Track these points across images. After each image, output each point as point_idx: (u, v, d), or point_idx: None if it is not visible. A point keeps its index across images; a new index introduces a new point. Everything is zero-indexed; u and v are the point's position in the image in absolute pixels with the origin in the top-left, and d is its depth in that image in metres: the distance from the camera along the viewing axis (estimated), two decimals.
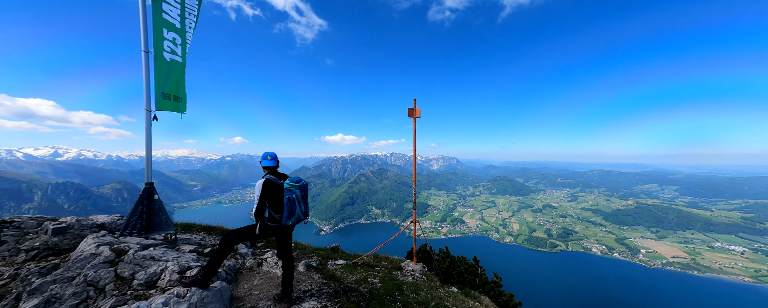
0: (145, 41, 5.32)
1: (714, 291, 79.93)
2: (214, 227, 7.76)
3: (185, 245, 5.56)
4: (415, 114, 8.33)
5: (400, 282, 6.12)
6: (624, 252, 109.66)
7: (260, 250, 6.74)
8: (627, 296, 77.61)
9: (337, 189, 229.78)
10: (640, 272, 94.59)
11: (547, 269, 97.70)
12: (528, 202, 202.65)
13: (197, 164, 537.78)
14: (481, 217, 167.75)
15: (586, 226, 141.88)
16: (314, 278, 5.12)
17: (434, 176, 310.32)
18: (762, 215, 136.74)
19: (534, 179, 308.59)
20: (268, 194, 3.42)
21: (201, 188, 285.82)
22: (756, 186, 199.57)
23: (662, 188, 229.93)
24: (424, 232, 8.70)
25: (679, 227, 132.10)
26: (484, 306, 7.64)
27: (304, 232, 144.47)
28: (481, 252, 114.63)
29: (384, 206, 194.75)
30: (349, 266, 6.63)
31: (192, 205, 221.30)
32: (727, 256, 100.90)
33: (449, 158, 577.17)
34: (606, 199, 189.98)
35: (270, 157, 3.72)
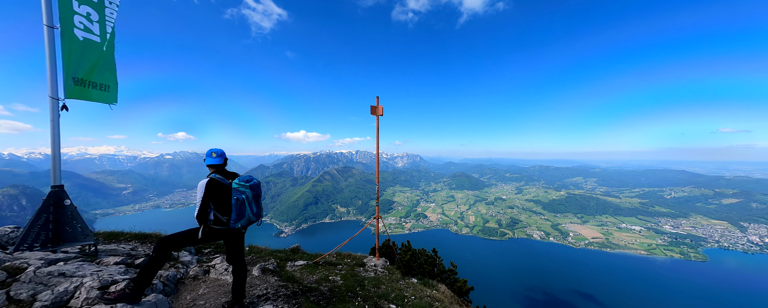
0: (47, 14, 4.28)
1: (621, 264, 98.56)
2: (149, 234, 6.79)
3: (110, 257, 4.76)
4: (378, 112, 8.45)
5: (362, 277, 6.20)
6: (557, 236, 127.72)
7: (208, 256, 6.14)
8: (559, 273, 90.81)
9: (300, 188, 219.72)
10: (569, 252, 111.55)
11: (497, 255, 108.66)
12: (482, 196, 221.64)
13: (127, 163, 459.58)
14: (442, 211, 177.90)
15: (529, 215, 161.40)
16: (270, 281, 4.87)
17: (399, 174, 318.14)
18: (653, 201, 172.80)
19: (488, 174, 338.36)
20: (213, 195, 3.12)
21: (133, 191, 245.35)
22: (650, 177, 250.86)
23: (586, 180, 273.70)
24: (388, 228, 8.94)
25: (597, 212, 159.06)
26: (440, 293, 8.22)
27: (262, 235, 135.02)
28: (441, 243, 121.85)
29: (349, 204, 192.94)
30: (310, 266, 6.46)
31: (121, 211, 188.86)
32: (630, 235, 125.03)
33: (413, 155, 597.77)
34: (544, 191, 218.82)
35: (215, 154, 3.39)
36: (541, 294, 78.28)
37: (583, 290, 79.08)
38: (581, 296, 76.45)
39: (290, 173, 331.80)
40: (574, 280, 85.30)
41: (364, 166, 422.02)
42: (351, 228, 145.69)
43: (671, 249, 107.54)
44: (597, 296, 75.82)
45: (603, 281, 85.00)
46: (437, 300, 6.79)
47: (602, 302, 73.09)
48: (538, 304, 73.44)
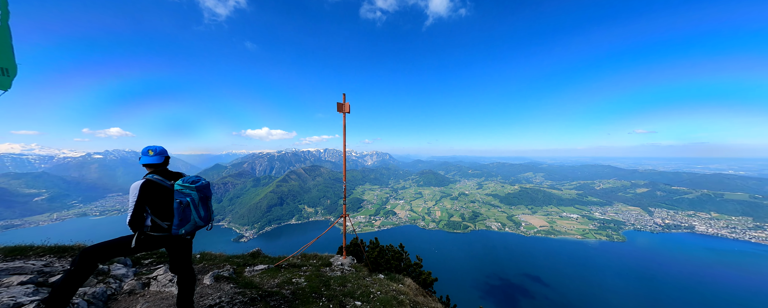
0: None
1: (562, 248, 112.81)
2: (70, 247, 5.73)
3: (12, 276, 3.92)
4: (345, 109, 8.32)
5: (328, 277, 6.10)
6: (511, 227, 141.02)
7: (149, 267, 5.43)
8: (513, 259, 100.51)
9: (263, 189, 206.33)
10: (521, 240, 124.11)
11: (460, 247, 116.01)
12: (448, 191, 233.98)
13: (40, 164, 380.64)
14: (410, 208, 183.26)
15: (488, 208, 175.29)
16: (225, 289, 4.51)
17: (368, 172, 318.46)
18: (586, 192, 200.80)
19: (452, 171, 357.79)
20: (149, 199, 2.73)
21: (49, 197, 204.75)
22: (584, 172, 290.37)
23: (535, 175, 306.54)
24: (358, 226, 8.92)
25: (544, 203, 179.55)
26: (406, 286, 8.50)
27: (218, 241, 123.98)
28: (409, 239, 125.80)
29: (317, 204, 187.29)
30: (272, 270, 6.14)
31: (32, 222, 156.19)
32: (569, 222, 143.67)
33: (383, 153, 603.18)
34: (501, 185, 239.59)
35: (153, 152, 2.98)
36: (497, 280, 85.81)
37: (531, 273, 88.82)
38: (530, 278, 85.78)
39: (251, 173, 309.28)
40: (525, 265, 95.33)
41: (333, 165, 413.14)
42: (319, 229, 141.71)
43: (600, 233, 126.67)
44: (543, 278, 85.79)
45: (548, 264, 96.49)
46: (402, 293, 7.02)
47: (547, 283, 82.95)
48: (494, 289, 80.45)
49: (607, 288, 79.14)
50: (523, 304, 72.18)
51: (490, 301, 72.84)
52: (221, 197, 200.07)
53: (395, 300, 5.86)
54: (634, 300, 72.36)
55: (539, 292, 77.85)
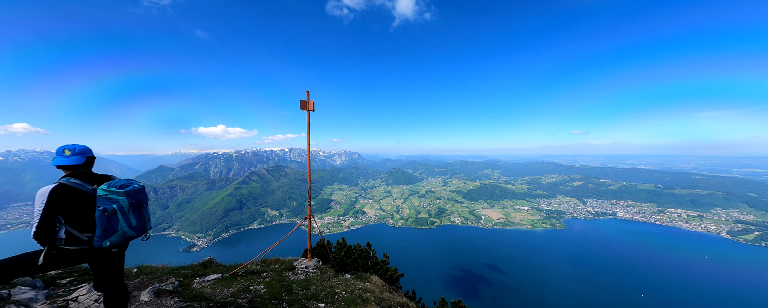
0: None
1: (516, 237, 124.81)
2: None
3: None
4: (309, 107, 8.05)
5: (290, 281, 5.86)
6: (473, 220, 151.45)
7: (68, 288, 4.59)
8: (474, 251, 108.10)
9: (219, 192, 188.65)
10: (481, 232, 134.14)
11: (427, 242, 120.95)
12: (415, 189, 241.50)
13: None
14: (379, 206, 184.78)
15: (453, 204, 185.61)
16: (167, 304, 4.05)
17: (337, 171, 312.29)
18: (535, 186, 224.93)
19: (420, 169, 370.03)
20: (62, 206, 2.29)
21: None
22: (534, 168, 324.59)
23: (493, 171, 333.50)
24: (327, 227, 8.67)
25: (501, 197, 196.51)
26: (372, 284, 8.59)
27: (162, 252, 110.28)
28: (378, 237, 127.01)
29: (282, 207, 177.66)
30: (226, 279, 5.67)
31: None
32: (521, 214, 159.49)
33: (352, 153, 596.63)
34: (464, 182, 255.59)
35: (70, 152, 2.52)
36: (460, 271, 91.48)
37: (490, 262, 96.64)
38: (488, 267, 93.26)
39: (205, 175, 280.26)
40: (484, 255, 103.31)
41: (299, 165, 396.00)
42: (284, 233, 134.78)
43: (545, 222, 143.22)
44: (499, 266, 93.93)
45: (503, 253, 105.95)
46: (368, 291, 7.08)
47: (503, 270, 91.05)
48: (457, 280, 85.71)
49: (551, 270, 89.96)
50: (483, 292, 78.20)
51: (454, 291, 77.33)
52: (167, 203, 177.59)
53: (360, 298, 5.89)
54: (572, 279, 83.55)
55: (496, 279, 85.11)
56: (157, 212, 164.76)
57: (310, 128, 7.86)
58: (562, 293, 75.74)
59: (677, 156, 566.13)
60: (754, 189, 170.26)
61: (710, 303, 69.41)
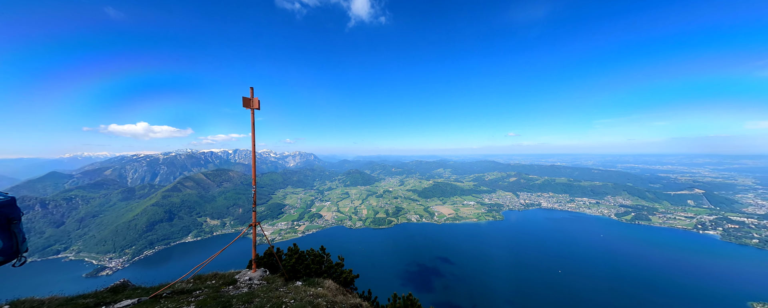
0: None
1: (464, 230, 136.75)
2: None
3: None
4: (253, 105, 7.51)
5: (230, 297, 5.40)
6: (427, 217, 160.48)
7: None
8: (428, 246, 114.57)
9: (141, 202, 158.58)
10: (434, 228, 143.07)
11: (384, 241, 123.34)
12: (373, 190, 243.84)
13: None
14: (337, 209, 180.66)
15: (409, 203, 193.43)
16: None
17: (291, 174, 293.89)
18: (479, 183, 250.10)
19: (377, 170, 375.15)
20: None
21: None
22: (478, 166, 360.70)
23: (445, 170, 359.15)
24: (279, 234, 7.99)
25: (452, 194, 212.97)
26: (325, 289, 8.47)
27: (58, 279, 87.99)
28: (335, 240, 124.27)
29: (225, 215, 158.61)
30: (145, 304, 4.89)
31: None
32: (469, 208, 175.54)
33: (307, 154, 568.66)
34: (419, 181, 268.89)
35: None
36: (415, 266, 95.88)
37: (442, 255, 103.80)
38: (441, 260, 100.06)
39: (119, 182, 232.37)
40: (437, 249, 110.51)
41: (247, 167, 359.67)
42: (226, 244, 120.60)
43: (488, 215, 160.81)
44: (450, 258, 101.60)
45: (454, 245, 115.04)
46: (320, 296, 6.97)
47: (453, 261, 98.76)
48: (413, 275, 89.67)
49: (492, 257, 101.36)
50: (436, 283, 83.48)
51: (410, 286, 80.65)
52: (62, 219, 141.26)
53: (311, 304, 5.79)
54: (508, 263, 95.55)
55: (447, 270, 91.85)
56: (47, 230, 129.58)
57: (254, 127, 7.36)
58: (500, 276, 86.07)
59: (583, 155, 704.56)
60: (631, 180, 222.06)
61: (605, 272, 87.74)
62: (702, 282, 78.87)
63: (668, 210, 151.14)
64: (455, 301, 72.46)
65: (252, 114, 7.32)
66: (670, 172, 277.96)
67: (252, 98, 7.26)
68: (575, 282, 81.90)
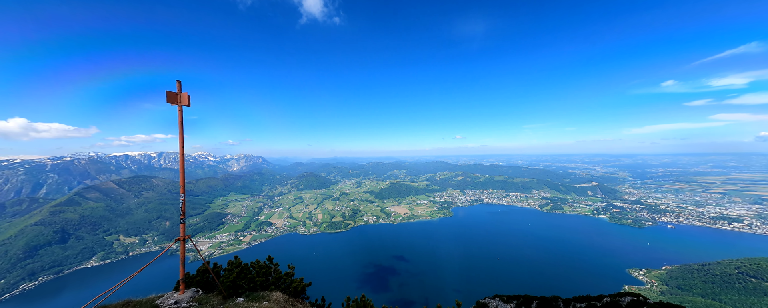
0: None
1: (418, 228, 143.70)
2: None
3: None
4: (181, 101, 6.65)
5: None
6: (384, 218, 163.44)
7: None
8: (384, 246, 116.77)
9: (14, 222, 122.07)
10: (391, 228, 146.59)
11: (341, 245, 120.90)
12: (329, 193, 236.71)
13: None
14: (289, 215, 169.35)
15: (366, 204, 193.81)
16: None
17: (234, 179, 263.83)
18: (432, 183, 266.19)
19: (334, 172, 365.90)
20: None
21: None
22: (431, 167, 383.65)
23: (400, 171, 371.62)
24: (219, 247, 6.82)
25: (408, 194, 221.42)
26: (272, 301, 7.99)
27: None
28: (288, 248, 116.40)
29: (146, 230, 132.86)
30: None
31: None
32: (422, 207, 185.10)
33: (254, 156, 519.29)
34: (376, 183, 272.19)
35: None
36: (372, 267, 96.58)
37: (398, 254, 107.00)
38: (396, 259, 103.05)
39: None
40: (393, 248, 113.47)
41: (174, 173, 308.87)
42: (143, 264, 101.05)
43: (439, 212, 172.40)
44: (405, 256, 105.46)
45: (409, 243, 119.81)
46: None
47: (408, 259, 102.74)
48: (369, 276, 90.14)
49: (443, 251, 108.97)
50: (392, 282, 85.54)
51: (367, 288, 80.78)
52: None
53: None
54: (457, 255, 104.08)
55: (403, 268, 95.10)
56: None
57: (183, 125, 6.54)
58: (450, 268, 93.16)
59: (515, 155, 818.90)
60: (550, 177, 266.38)
61: (532, 254, 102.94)
62: (597, 255, 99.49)
63: (575, 200, 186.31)
64: (410, 297, 75.48)
65: (180, 111, 6.52)
66: (576, 169, 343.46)
67: (180, 93, 6.46)
68: (510, 266, 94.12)
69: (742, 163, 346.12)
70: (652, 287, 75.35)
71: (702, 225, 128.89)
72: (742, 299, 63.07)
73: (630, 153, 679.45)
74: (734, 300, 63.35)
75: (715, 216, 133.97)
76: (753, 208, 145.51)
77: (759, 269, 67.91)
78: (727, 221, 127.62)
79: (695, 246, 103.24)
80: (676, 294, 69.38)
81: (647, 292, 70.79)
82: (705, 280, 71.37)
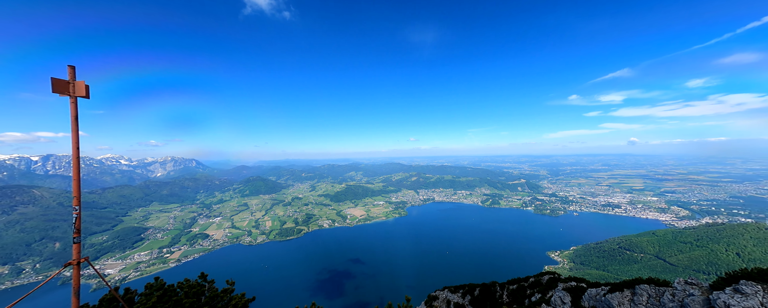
0: None
1: (375, 229, 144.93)
2: None
3: None
4: (76, 91, 5.25)
5: None
6: (340, 221, 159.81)
7: None
8: (340, 250, 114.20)
9: None
10: (347, 231, 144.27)
11: (293, 253, 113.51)
12: (280, 198, 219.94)
13: None
14: (231, 224, 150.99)
15: (321, 208, 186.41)
16: None
17: (158, 186, 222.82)
18: (388, 183, 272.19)
19: (285, 175, 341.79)
20: None
21: None
22: (387, 168, 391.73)
23: (356, 173, 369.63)
24: (136, 269, 5.10)
25: (364, 196, 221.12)
26: None
27: None
28: (229, 262, 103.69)
29: (23, 256, 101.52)
30: None
31: None
32: (378, 208, 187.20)
33: (185, 160, 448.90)
34: (331, 185, 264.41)
35: None
36: (326, 273, 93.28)
37: (353, 257, 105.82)
38: (352, 262, 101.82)
39: None
40: (349, 251, 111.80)
41: (66, 181, 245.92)
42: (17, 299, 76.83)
43: (395, 212, 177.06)
44: (362, 258, 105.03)
45: (365, 245, 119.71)
46: None
47: (364, 261, 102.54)
48: (323, 283, 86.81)
49: (398, 250, 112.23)
50: (347, 286, 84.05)
51: (320, 295, 77.54)
52: None
53: None
54: (411, 253, 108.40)
55: (359, 271, 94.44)
56: None
57: (77, 121, 5.21)
58: (404, 266, 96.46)
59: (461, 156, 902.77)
60: (489, 175, 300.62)
61: (474, 246, 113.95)
62: (525, 241, 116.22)
63: (509, 196, 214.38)
64: (366, 299, 75.30)
65: (73, 104, 5.19)
66: (510, 168, 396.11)
67: (73, 82, 5.13)
68: (458, 258, 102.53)
69: (621, 162, 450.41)
70: (563, 265, 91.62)
71: (596, 212, 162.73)
72: (621, 267, 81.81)
73: (547, 154, 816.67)
74: (617, 269, 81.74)
75: (604, 204, 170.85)
76: (627, 197, 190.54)
77: (631, 243, 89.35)
78: (612, 207, 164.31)
79: (592, 228, 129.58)
80: (579, 269, 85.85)
81: (560, 269, 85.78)
82: (598, 255, 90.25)
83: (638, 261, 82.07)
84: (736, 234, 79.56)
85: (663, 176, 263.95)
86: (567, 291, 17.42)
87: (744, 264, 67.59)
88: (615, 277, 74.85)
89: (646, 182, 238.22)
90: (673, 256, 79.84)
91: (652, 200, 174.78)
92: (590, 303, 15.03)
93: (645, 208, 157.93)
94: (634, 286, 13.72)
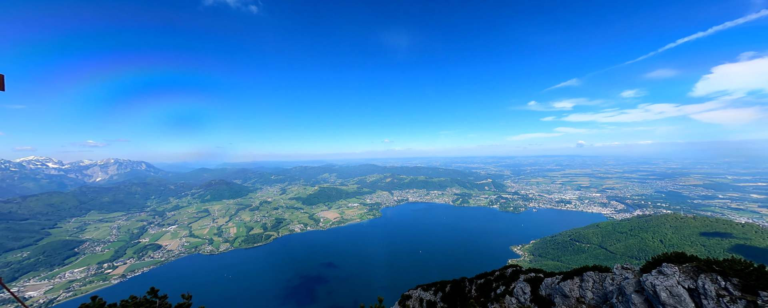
0: None
1: (349, 231, 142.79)
2: None
3: None
4: None
5: None
6: (312, 224, 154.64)
7: None
8: (312, 254, 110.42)
9: None
10: (320, 234, 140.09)
11: (261, 260, 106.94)
12: (246, 202, 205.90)
13: None
14: (189, 233, 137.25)
15: (292, 212, 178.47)
16: None
17: (98, 193, 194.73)
18: (362, 185, 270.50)
19: (252, 178, 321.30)
20: None
21: None
22: (362, 170, 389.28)
23: (330, 175, 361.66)
24: (67, 290, 4.10)
25: (337, 198, 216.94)
26: None
27: None
28: (187, 274, 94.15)
29: None
30: None
31: None
32: (353, 210, 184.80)
33: (132, 162, 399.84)
34: (303, 188, 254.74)
35: None
36: (297, 279, 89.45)
37: (326, 261, 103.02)
38: (325, 266, 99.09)
39: None
40: (322, 255, 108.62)
41: None
42: None
43: (369, 214, 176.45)
44: (334, 261, 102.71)
45: (338, 248, 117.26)
46: None
47: (337, 265, 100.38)
48: (294, 290, 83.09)
49: (373, 251, 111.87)
50: (320, 291, 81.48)
51: (290, 303, 74.11)
52: None
53: None
54: (385, 254, 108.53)
55: (332, 275, 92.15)
56: None
57: None
58: (379, 267, 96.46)
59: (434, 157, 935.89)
60: (459, 176, 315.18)
61: (445, 243, 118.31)
62: (491, 237, 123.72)
63: (477, 195, 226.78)
64: (339, 303, 73.72)
65: None
66: (477, 169, 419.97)
67: None
68: (430, 256, 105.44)
69: (571, 162, 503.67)
70: (524, 257, 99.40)
71: (552, 208, 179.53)
72: (572, 257, 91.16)
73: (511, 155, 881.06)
74: (569, 259, 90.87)
75: (558, 201, 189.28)
76: (576, 193, 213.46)
77: (580, 235, 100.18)
78: (564, 203, 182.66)
79: (549, 223, 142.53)
80: (538, 261, 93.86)
81: (522, 262, 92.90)
82: (553, 247, 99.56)
83: (586, 251, 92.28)
84: (659, 223, 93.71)
85: (604, 175, 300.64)
86: (527, 282, 18.83)
87: (665, 249, 79.96)
88: (567, 266, 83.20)
89: (592, 180, 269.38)
90: (613, 245, 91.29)
91: (596, 196, 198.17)
92: (547, 291, 16.46)
93: (591, 203, 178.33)
94: (582, 273, 15.30)
